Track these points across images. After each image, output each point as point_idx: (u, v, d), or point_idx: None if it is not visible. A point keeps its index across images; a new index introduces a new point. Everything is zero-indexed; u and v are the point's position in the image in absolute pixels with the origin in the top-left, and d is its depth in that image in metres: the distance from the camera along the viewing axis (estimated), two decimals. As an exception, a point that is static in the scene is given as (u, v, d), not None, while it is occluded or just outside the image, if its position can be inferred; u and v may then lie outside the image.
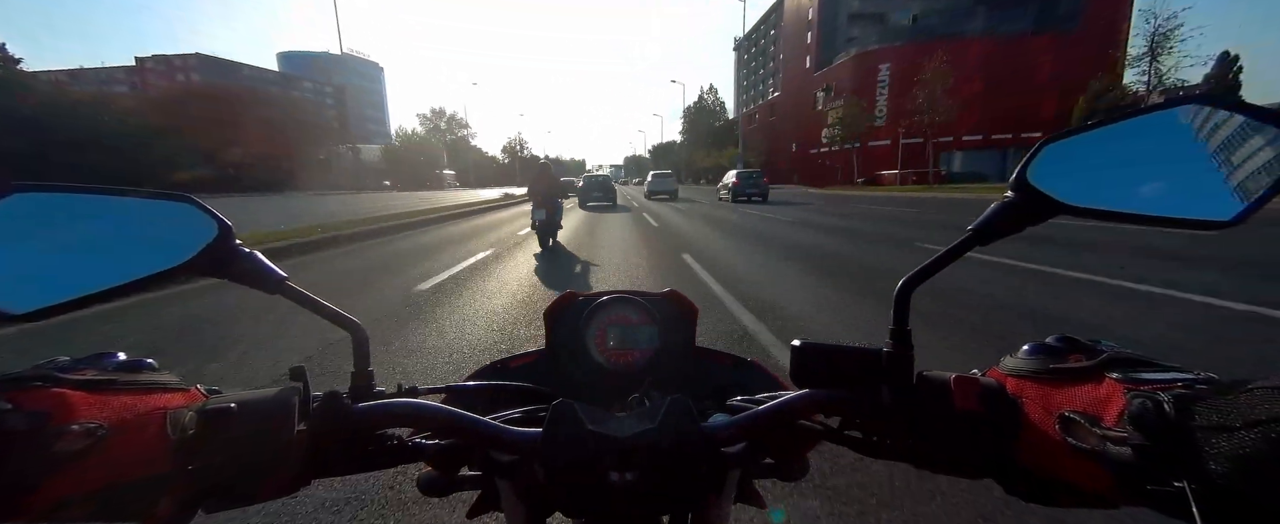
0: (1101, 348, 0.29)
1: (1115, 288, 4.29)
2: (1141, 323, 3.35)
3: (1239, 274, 4.58)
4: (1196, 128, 0.29)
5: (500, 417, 0.39)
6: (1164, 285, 4.21)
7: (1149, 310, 3.62)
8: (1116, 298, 3.97)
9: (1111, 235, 6.89)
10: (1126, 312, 3.61)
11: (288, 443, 0.30)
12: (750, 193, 20.83)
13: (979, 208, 0.33)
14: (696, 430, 0.33)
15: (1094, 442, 0.25)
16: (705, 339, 0.71)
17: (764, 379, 0.51)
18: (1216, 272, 4.69)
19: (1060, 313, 3.60)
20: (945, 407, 0.31)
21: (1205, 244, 5.90)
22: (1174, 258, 5.36)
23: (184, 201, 0.34)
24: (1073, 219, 0.32)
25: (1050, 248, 6.07)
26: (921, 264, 0.34)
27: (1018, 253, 5.59)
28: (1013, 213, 0.32)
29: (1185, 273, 4.66)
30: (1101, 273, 4.77)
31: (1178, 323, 3.31)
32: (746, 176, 21.65)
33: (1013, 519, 1.49)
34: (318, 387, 0.33)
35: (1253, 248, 5.73)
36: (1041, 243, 6.35)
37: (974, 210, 0.33)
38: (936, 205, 16.51)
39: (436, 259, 6.81)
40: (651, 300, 0.54)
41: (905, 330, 0.34)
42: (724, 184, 23.43)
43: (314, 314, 0.37)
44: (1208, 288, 4.07)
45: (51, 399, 0.25)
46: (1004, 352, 0.33)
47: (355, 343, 0.37)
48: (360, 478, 1.70)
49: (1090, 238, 6.81)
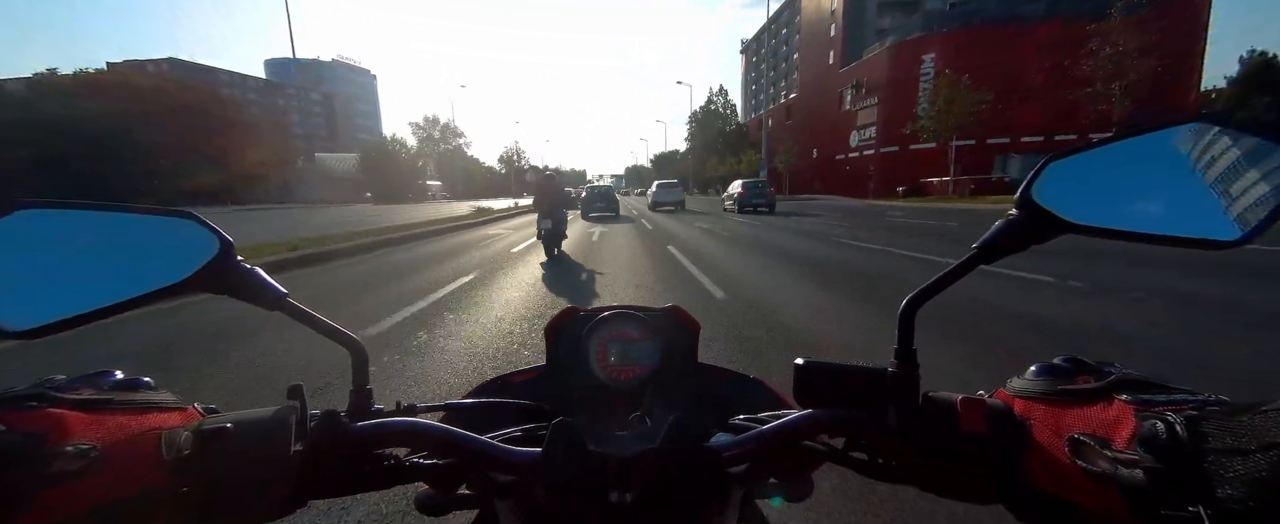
0: (1110, 369, 0.30)
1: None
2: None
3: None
4: (1202, 147, 0.29)
5: (499, 435, 0.41)
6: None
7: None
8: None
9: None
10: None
11: (284, 462, 0.31)
12: (757, 203, 21.83)
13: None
14: (699, 450, 0.34)
15: (1105, 465, 0.25)
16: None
17: (767, 396, 0.52)
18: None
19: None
20: (952, 428, 0.32)
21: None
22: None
23: (186, 218, 0.35)
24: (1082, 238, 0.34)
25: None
26: (926, 282, 0.35)
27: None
28: (1017, 231, 0.33)
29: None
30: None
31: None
32: (753, 186, 22.62)
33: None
34: (315, 405, 0.35)
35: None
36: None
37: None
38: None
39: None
40: (653, 316, 0.55)
41: (910, 350, 0.35)
42: (729, 195, 24.03)
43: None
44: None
45: (47, 419, 0.25)
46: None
47: (354, 361, 0.39)
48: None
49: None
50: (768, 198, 21.63)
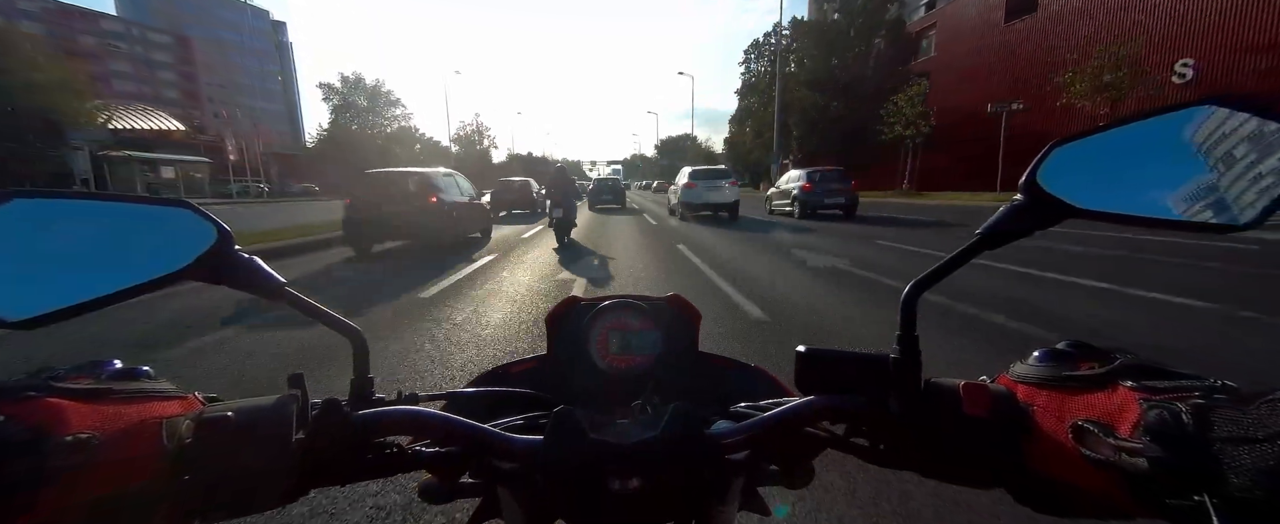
0: (1114, 354, 0.30)
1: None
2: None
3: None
4: (1211, 129, 0.29)
5: (501, 424, 0.41)
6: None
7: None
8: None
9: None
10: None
11: (286, 451, 0.31)
12: (831, 204, 13.77)
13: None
14: (700, 437, 0.34)
15: (1108, 452, 0.25)
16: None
17: (768, 385, 0.52)
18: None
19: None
20: (954, 414, 0.32)
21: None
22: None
23: (182, 207, 0.35)
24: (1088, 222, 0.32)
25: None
26: (929, 268, 0.35)
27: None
28: (1022, 216, 0.33)
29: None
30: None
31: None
32: (823, 177, 14.12)
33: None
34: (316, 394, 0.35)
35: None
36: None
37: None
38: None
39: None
40: (654, 305, 0.55)
41: (912, 336, 0.35)
42: (782, 190, 15.52)
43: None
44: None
45: (46, 409, 0.25)
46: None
47: (355, 350, 0.39)
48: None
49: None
50: (847, 196, 13.72)
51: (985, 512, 1.59)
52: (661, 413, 0.34)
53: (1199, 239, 5.27)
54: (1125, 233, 7.57)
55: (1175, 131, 0.30)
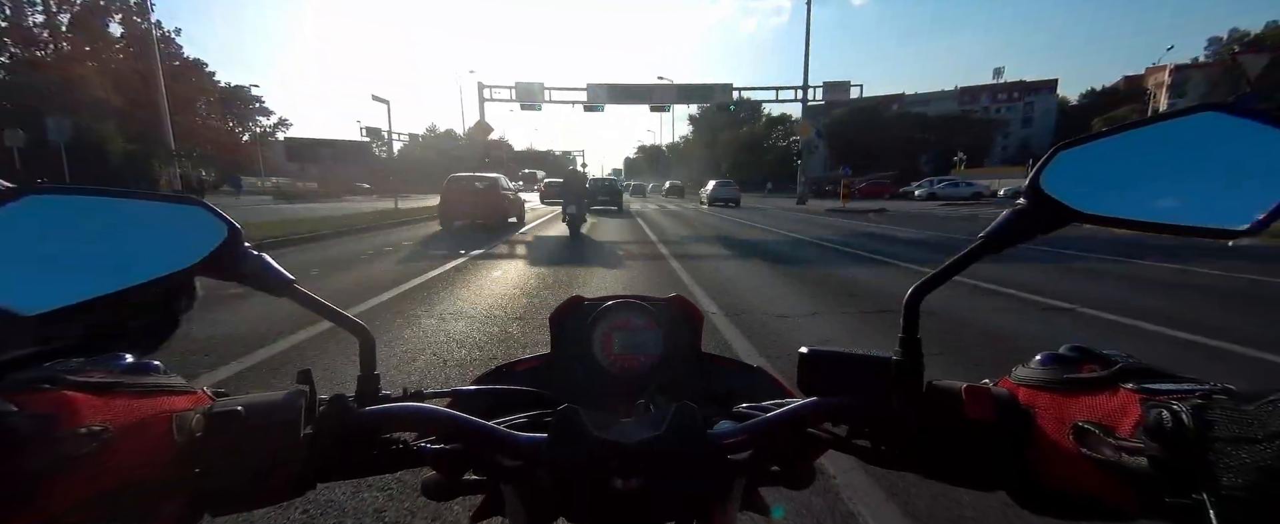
0: (1115, 358, 0.30)
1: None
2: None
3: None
4: (1213, 136, 0.29)
5: (505, 421, 0.41)
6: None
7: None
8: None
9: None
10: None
11: (293, 446, 0.31)
12: (726, 197, 21.77)
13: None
14: (702, 437, 0.34)
15: (1109, 453, 0.25)
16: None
17: (770, 386, 0.52)
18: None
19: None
20: (956, 416, 0.32)
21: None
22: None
23: (195, 205, 0.36)
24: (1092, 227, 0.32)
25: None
26: (932, 272, 0.35)
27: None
28: (1025, 220, 0.33)
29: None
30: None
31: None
32: (721, 184, 24.59)
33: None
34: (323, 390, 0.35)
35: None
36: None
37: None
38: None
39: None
40: (657, 305, 0.56)
41: (915, 339, 0.35)
42: (705, 191, 23.20)
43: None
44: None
45: (58, 401, 0.26)
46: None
47: (361, 347, 0.39)
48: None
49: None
50: (734, 195, 18.93)
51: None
52: (664, 413, 0.34)
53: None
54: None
55: (1178, 138, 0.30)
